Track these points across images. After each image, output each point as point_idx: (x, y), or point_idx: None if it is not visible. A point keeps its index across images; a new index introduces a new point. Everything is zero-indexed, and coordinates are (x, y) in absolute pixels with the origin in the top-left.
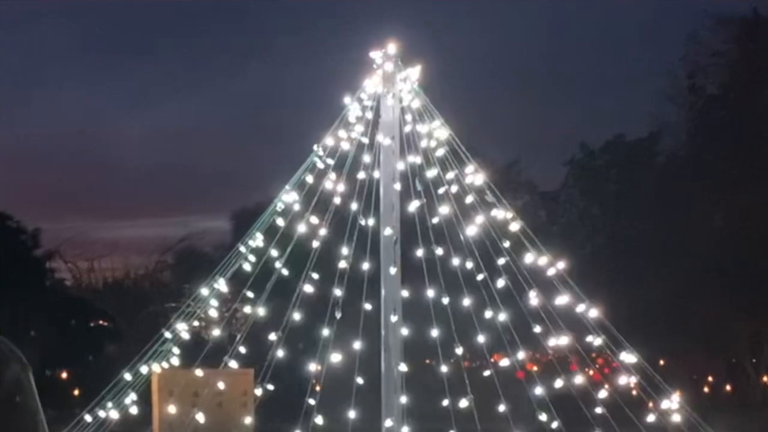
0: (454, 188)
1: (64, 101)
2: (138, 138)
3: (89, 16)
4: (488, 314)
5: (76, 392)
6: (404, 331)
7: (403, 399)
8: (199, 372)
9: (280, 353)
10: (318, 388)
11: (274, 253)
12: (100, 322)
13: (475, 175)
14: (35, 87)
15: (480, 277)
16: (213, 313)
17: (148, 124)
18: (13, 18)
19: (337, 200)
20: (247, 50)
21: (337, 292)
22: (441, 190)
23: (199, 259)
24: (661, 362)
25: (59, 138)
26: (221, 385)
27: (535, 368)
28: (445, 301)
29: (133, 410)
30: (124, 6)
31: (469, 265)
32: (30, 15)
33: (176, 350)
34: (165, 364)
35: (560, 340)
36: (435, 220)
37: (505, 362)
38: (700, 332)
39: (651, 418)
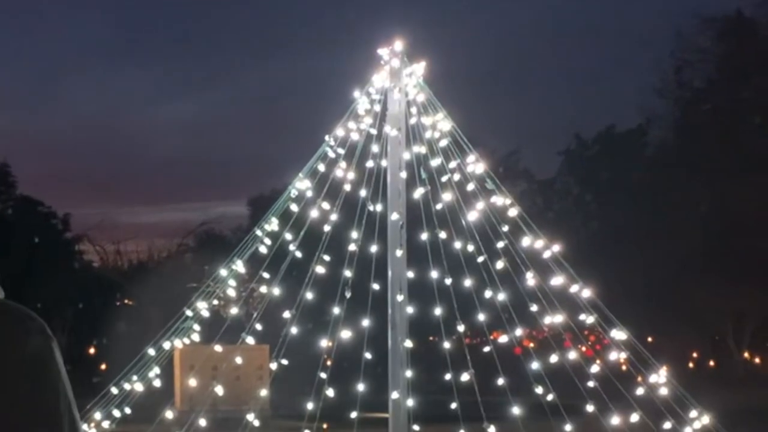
0: (456, 176)
1: (93, 95)
2: (161, 129)
3: (117, 13)
4: (488, 294)
5: (102, 366)
6: (409, 310)
7: (409, 373)
8: (218, 348)
9: (294, 330)
10: (329, 363)
11: (288, 236)
12: (126, 301)
13: (476, 164)
14: (66, 82)
15: (480, 259)
16: (231, 293)
17: (171, 116)
18: (43, 17)
19: (347, 187)
20: (263, 47)
21: (347, 273)
22: (444, 178)
23: (218, 242)
24: (649, 339)
25: (88, 130)
26: (238, 360)
27: (531, 345)
28: (448, 281)
29: (157, 383)
30: (150, 4)
31: (470, 248)
32: (57, 15)
33: (197, 327)
34: (186, 341)
35: (555, 319)
36: (438, 206)
37: (503, 339)
38: (686, 311)
39: (640, 391)
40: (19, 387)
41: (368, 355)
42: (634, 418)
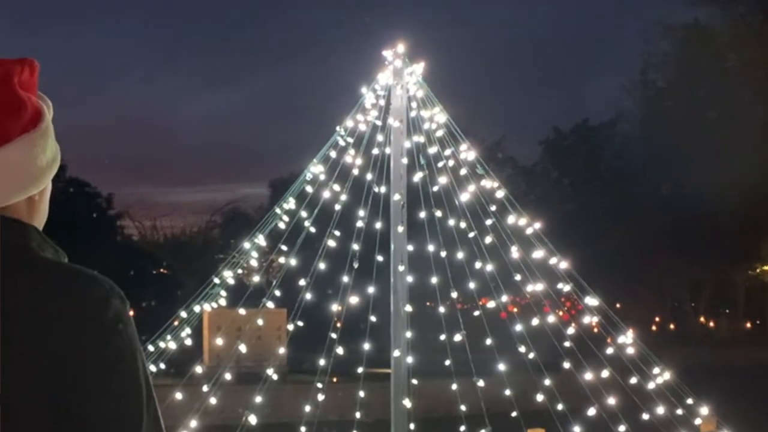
0: (450, 162)
1: (134, 90)
2: (194, 120)
3: (156, 18)
4: (478, 265)
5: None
6: (409, 279)
7: (409, 334)
8: (241, 311)
9: (308, 296)
10: (339, 325)
11: (303, 214)
12: (161, 270)
13: (468, 152)
14: (110, 79)
15: (471, 234)
16: (253, 263)
17: (203, 108)
18: (93, 16)
19: (355, 171)
20: (284, 49)
21: (355, 246)
22: (440, 164)
23: (243, 219)
24: (618, 305)
25: (130, 121)
26: (260, 322)
27: (515, 310)
28: (443, 254)
29: (188, 342)
30: (187, 8)
31: (463, 225)
32: (107, 15)
33: (223, 293)
34: (214, 305)
35: (536, 287)
36: (435, 188)
37: (491, 305)
38: (649, 281)
39: (609, 350)
40: (105, 346)
41: (373, 318)
42: (605, 374)
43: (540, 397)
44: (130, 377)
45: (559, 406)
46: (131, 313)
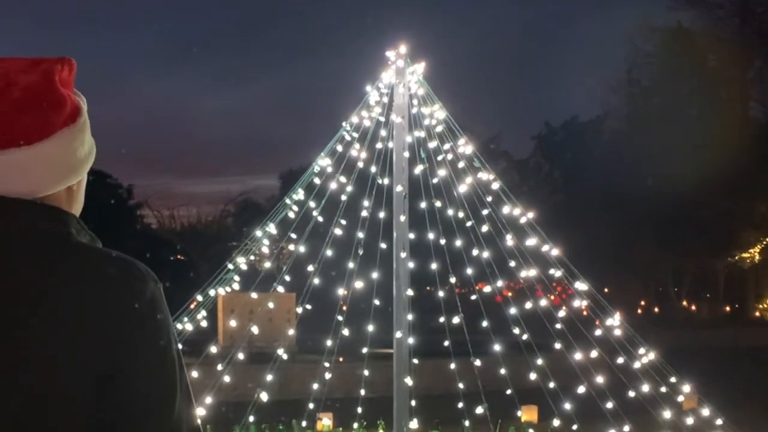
0: (449, 156)
1: (153, 88)
2: (209, 115)
3: (174, 20)
4: (475, 252)
5: None
6: (411, 265)
7: (410, 316)
8: (253, 295)
9: (316, 281)
10: (345, 308)
11: (312, 204)
12: (179, 256)
13: (465, 146)
14: (131, 77)
15: (469, 223)
16: (265, 250)
17: (217, 104)
18: (117, 17)
19: (360, 164)
20: (294, 49)
21: (360, 234)
22: (439, 158)
23: (255, 208)
24: (606, 290)
25: (149, 116)
26: (271, 305)
27: (509, 294)
28: (442, 241)
29: (203, 324)
30: (204, 11)
31: (461, 214)
32: (131, 16)
33: (236, 278)
34: (228, 289)
35: (529, 273)
36: (435, 180)
37: (487, 289)
38: (635, 267)
39: (598, 332)
40: (142, 325)
41: (377, 302)
42: (594, 354)
43: (533, 376)
44: (164, 353)
45: (551, 384)
46: None
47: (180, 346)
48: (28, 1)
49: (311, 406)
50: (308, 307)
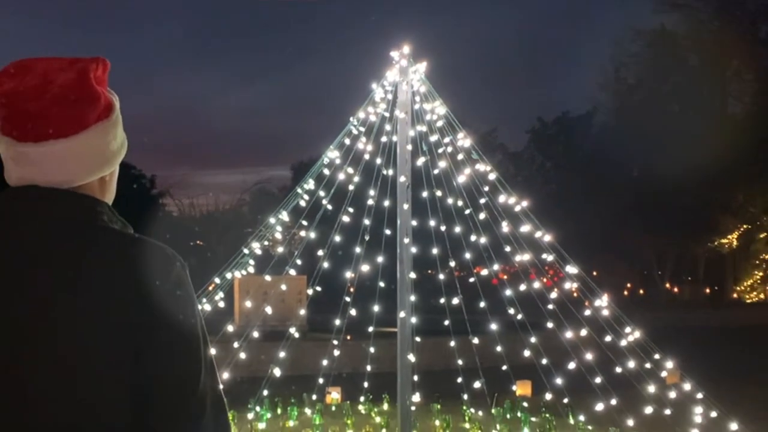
0: (449, 149)
1: (176, 85)
2: (227, 110)
3: (196, 23)
4: (473, 238)
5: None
6: (413, 249)
7: (412, 298)
8: (267, 277)
9: (326, 264)
10: (352, 290)
11: (321, 193)
12: (198, 242)
13: (464, 140)
14: (156, 75)
15: (467, 211)
16: (278, 236)
17: (234, 100)
18: (141, 18)
19: (366, 156)
20: (306, 49)
21: (366, 221)
22: (440, 150)
23: (268, 197)
24: (594, 273)
25: (172, 111)
26: (283, 287)
27: (505, 277)
28: (442, 228)
29: (221, 304)
30: (224, 16)
31: (460, 203)
32: (154, 17)
33: (251, 262)
34: (244, 272)
35: (523, 257)
36: (435, 171)
37: (484, 272)
38: (621, 252)
39: (587, 312)
40: (170, 303)
41: (381, 284)
42: (583, 332)
43: (527, 353)
44: (190, 330)
45: (543, 361)
46: None
47: (204, 324)
48: (63, 5)
49: (321, 380)
50: (318, 288)
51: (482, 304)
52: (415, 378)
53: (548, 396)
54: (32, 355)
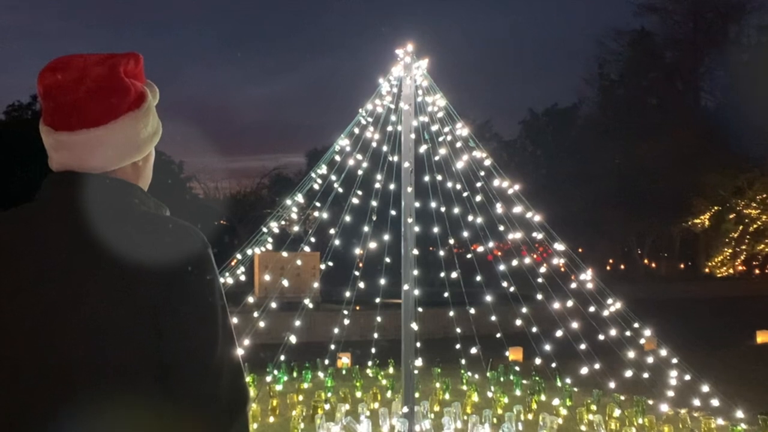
0: (448, 138)
1: (203, 80)
2: (249, 102)
3: (218, 22)
4: (470, 218)
5: None
6: (416, 228)
7: (415, 272)
8: (284, 254)
9: (337, 242)
10: (361, 265)
11: (333, 177)
12: (222, 221)
13: (462, 130)
14: (185, 70)
15: (465, 194)
16: (294, 216)
17: (255, 93)
18: (173, 18)
19: (374, 144)
20: (320, 47)
21: (373, 203)
22: (440, 139)
23: (285, 181)
24: (580, 250)
25: (199, 103)
26: (299, 262)
27: (499, 253)
28: (443, 209)
29: (242, 278)
30: (247, 17)
31: (458, 186)
32: (177, 20)
33: (270, 240)
34: (263, 248)
35: (515, 235)
36: (436, 158)
37: (480, 249)
38: (605, 231)
39: (573, 285)
40: (193, 278)
41: (387, 259)
42: (569, 303)
43: (518, 322)
44: (210, 305)
45: (533, 329)
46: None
47: (225, 298)
48: (107, 8)
49: (332, 347)
50: (330, 264)
51: (478, 278)
52: (418, 344)
53: (538, 361)
54: (65, 322)
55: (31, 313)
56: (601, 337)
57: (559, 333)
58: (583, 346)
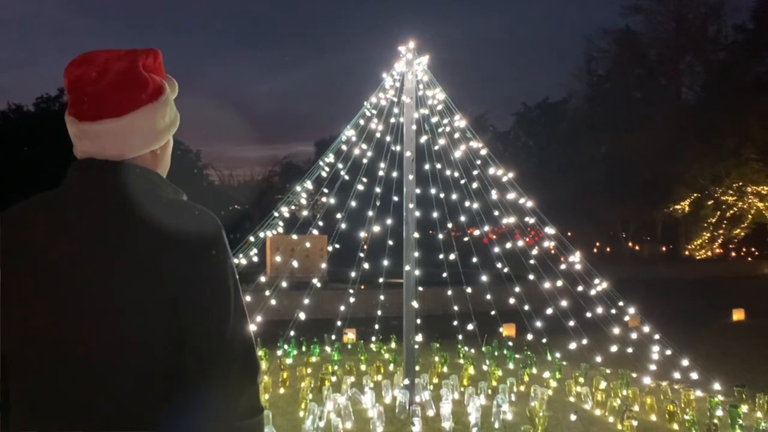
0: (447, 129)
1: (218, 73)
2: (261, 95)
3: (234, 20)
4: (467, 203)
5: None
6: (417, 213)
7: (416, 254)
8: (294, 236)
9: (343, 225)
10: (365, 247)
11: (339, 165)
12: (236, 206)
13: (460, 121)
14: (203, 65)
15: (462, 181)
16: (303, 202)
17: (268, 86)
18: (191, 18)
19: (377, 134)
20: (329, 43)
21: (377, 189)
22: (439, 130)
23: (295, 169)
24: (568, 233)
25: (216, 96)
26: (307, 245)
27: (494, 236)
28: (441, 195)
29: (255, 259)
30: (260, 15)
31: (456, 174)
32: (191, 20)
33: (281, 223)
34: (274, 231)
35: (509, 219)
36: (436, 147)
37: (476, 232)
38: (592, 216)
39: (562, 266)
40: (207, 258)
41: (390, 242)
42: (559, 283)
43: (511, 300)
44: (222, 283)
45: (526, 307)
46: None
47: (237, 277)
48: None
49: (339, 323)
50: (337, 246)
51: (474, 260)
52: (418, 321)
53: (529, 336)
54: (91, 297)
55: (58, 289)
56: (589, 314)
57: (549, 311)
58: (571, 323)
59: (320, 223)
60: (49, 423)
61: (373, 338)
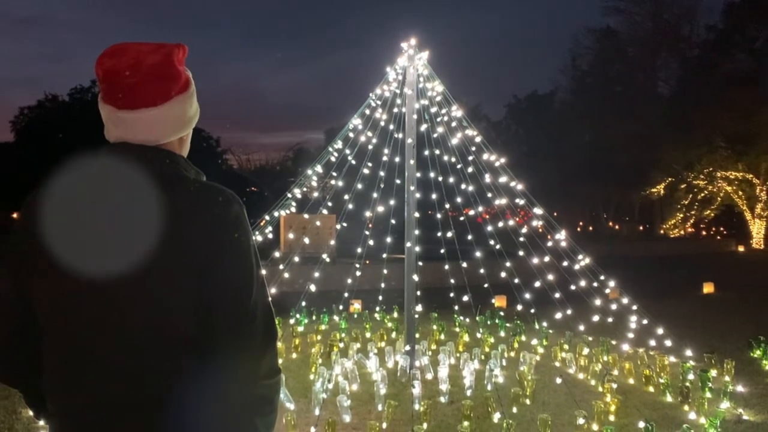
0: (445, 118)
1: (237, 66)
2: (275, 86)
3: (255, 18)
4: (463, 186)
5: None
6: (417, 195)
7: (417, 231)
8: (306, 215)
9: (350, 206)
10: (370, 225)
11: (347, 151)
12: (253, 188)
13: (456, 111)
14: (218, 59)
15: (459, 166)
16: (314, 184)
17: (281, 77)
18: (207, 18)
19: (382, 123)
20: (337, 39)
21: (381, 173)
22: (438, 119)
23: (307, 154)
24: (555, 214)
25: (231, 87)
26: (318, 223)
27: (487, 216)
28: (440, 178)
29: (270, 236)
30: (275, 14)
31: (453, 159)
32: (203, 20)
33: (294, 204)
34: (287, 211)
35: (501, 201)
36: (435, 135)
37: (471, 212)
38: (576, 198)
39: (549, 243)
40: (230, 234)
41: (393, 221)
42: (546, 258)
43: (503, 274)
44: (245, 256)
45: (516, 280)
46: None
47: (257, 252)
48: (149, 8)
49: (346, 295)
50: (344, 224)
51: (469, 237)
52: (418, 293)
53: (519, 307)
54: (126, 266)
55: (97, 256)
56: (573, 287)
57: (537, 284)
58: (557, 295)
59: (329, 204)
60: (84, 383)
61: (377, 308)
